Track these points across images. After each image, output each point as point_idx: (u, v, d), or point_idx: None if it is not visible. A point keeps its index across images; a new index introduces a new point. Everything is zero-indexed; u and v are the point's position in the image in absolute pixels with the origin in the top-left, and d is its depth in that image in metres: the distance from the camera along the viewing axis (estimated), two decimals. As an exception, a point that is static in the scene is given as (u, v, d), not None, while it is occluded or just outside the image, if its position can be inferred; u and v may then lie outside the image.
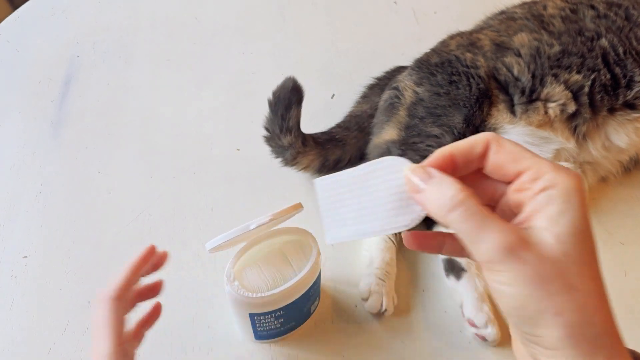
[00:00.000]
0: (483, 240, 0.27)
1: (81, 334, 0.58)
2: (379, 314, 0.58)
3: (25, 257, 0.65)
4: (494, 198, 0.32)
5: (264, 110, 0.66)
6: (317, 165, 0.69)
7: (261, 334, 0.55)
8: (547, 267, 0.26)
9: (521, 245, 0.27)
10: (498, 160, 0.30)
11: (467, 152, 0.31)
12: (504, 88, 0.64)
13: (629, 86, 0.63)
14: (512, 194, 0.30)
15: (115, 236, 0.66)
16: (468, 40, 0.68)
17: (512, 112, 0.64)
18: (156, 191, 0.70)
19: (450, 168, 0.31)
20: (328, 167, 0.69)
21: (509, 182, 0.30)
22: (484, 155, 0.30)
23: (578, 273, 0.26)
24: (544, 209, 0.28)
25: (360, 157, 0.70)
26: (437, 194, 0.29)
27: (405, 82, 0.67)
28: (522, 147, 0.30)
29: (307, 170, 0.69)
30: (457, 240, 0.33)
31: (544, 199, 0.28)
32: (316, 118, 0.74)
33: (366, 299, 0.58)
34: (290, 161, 0.67)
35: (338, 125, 0.72)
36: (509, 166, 0.30)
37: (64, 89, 0.81)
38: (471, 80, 0.63)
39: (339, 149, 0.69)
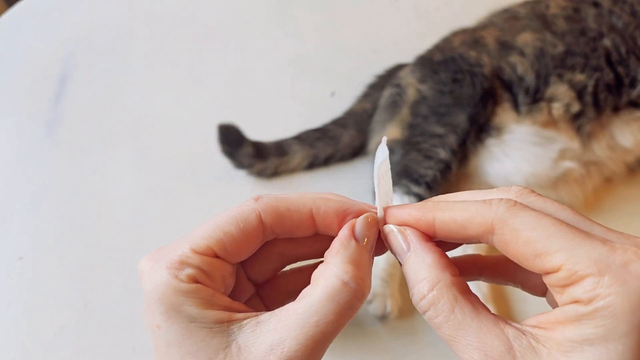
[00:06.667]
0: (467, 347, 0.21)
1: (78, 337, 0.57)
2: (383, 317, 0.57)
3: (21, 258, 0.64)
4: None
5: (262, 108, 0.65)
6: (305, 165, 0.69)
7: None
8: None
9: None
10: (514, 253, 0.22)
11: (455, 230, 0.23)
12: (508, 87, 0.64)
13: (633, 85, 0.63)
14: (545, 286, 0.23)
15: (112, 237, 0.65)
16: (472, 37, 0.67)
17: (517, 111, 0.63)
18: (153, 191, 0.69)
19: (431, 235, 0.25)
20: (318, 164, 0.69)
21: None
22: (480, 238, 0.23)
23: None
24: (564, 330, 0.20)
25: (353, 155, 0.70)
26: (412, 269, 0.24)
27: (408, 80, 0.66)
28: (550, 223, 0.21)
29: (296, 172, 0.69)
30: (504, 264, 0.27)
31: (567, 315, 0.20)
32: (316, 117, 0.73)
33: (370, 302, 0.57)
34: (271, 176, 0.69)
35: (333, 122, 0.71)
36: (529, 263, 0.21)
37: (59, 87, 0.80)
38: (475, 79, 0.62)
39: (331, 147, 0.69)
